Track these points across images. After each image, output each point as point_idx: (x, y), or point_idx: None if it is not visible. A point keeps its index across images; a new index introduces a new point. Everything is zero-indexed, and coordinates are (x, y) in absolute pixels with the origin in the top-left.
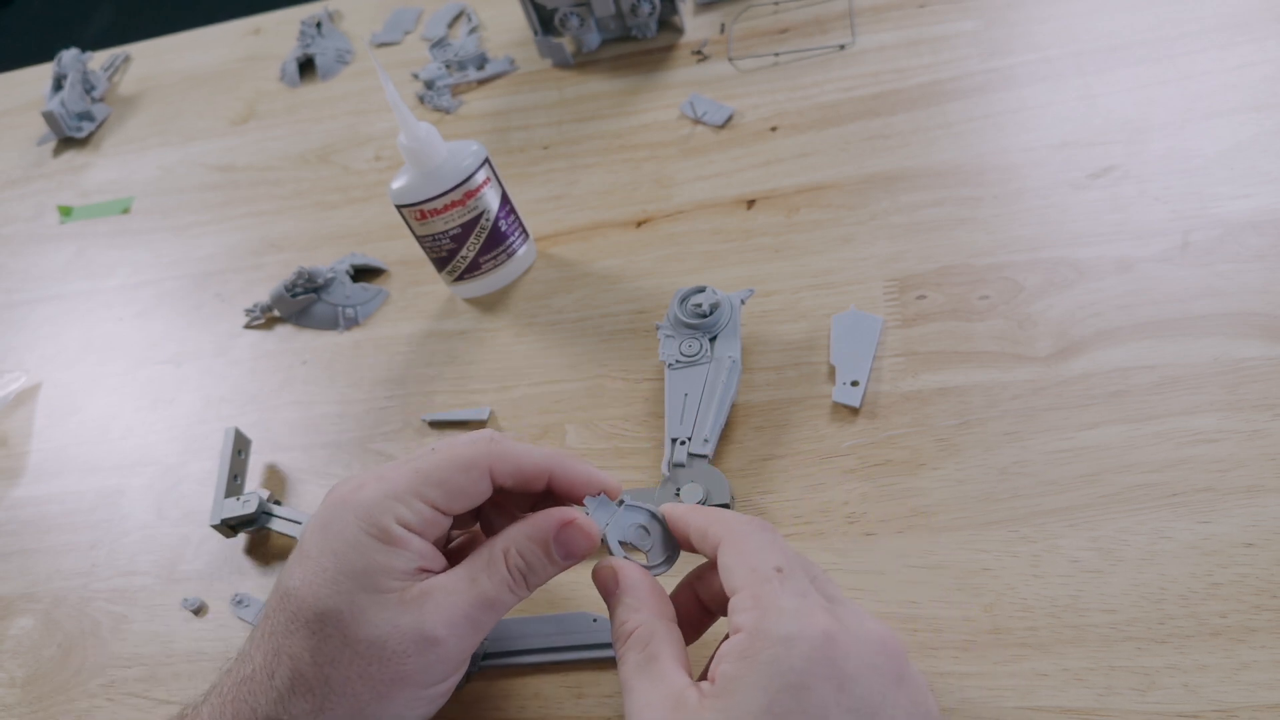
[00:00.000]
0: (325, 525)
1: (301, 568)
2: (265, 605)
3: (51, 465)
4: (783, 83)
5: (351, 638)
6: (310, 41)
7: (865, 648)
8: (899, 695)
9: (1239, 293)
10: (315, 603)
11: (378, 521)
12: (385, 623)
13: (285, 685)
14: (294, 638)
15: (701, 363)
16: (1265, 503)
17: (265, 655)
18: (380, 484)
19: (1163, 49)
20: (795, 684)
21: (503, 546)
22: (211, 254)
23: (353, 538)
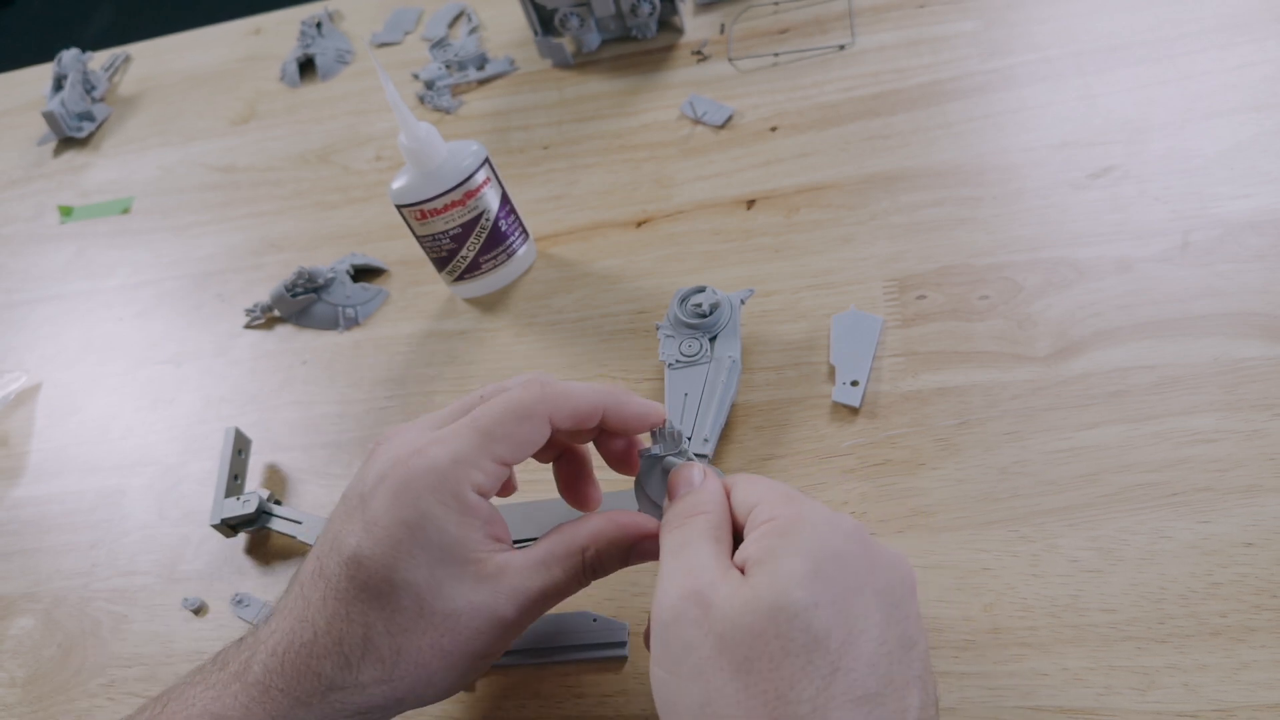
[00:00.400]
0: (396, 492)
1: (370, 535)
2: (314, 564)
3: (52, 465)
4: (783, 83)
5: (428, 610)
6: (310, 41)
7: (888, 551)
8: (913, 601)
9: (1238, 293)
10: (390, 574)
11: (453, 490)
12: (461, 597)
13: (355, 653)
14: (365, 606)
15: (701, 363)
16: (1265, 503)
17: (329, 621)
18: (445, 447)
19: (1163, 49)
20: (835, 554)
21: (582, 544)
22: (212, 254)
23: (428, 508)
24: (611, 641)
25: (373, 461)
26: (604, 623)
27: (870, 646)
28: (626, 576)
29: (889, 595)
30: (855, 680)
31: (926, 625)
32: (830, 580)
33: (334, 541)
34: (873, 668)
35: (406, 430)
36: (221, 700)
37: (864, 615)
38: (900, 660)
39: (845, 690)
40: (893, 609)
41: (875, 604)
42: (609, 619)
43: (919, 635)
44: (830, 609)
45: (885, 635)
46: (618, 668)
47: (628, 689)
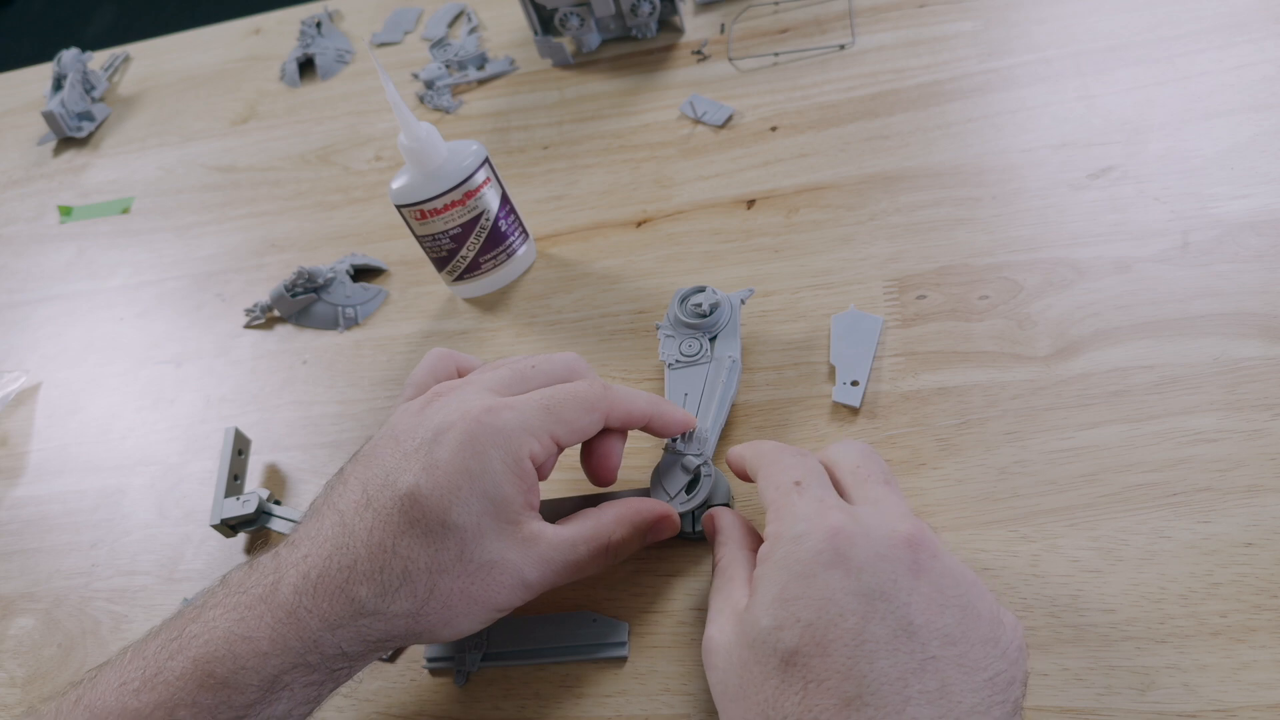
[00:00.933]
0: (463, 441)
1: (431, 476)
2: (359, 495)
3: (52, 465)
4: (783, 83)
5: (467, 555)
6: (310, 41)
7: (875, 540)
8: (915, 583)
9: (1238, 293)
10: (443, 514)
11: (515, 452)
12: (498, 551)
13: (394, 582)
14: (411, 540)
15: (701, 362)
16: (1265, 502)
17: (372, 550)
18: (515, 414)
19: (1161, 49)
20: (802, 573)
21: (609, 529)
22: (212, 254)
23: (489, 462)
24: (611, 641)
25: (435, 411)
26: (604, 623)
27: (845, 652)
28: (627, 577)
29: (870, 592)
30: (831, 688)
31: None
32: (795, 599)
33: (387, 476)
34: (848, 673)
35: (466, 388)
36: (246, 622)
37: (836, 622)
38: (891, 654)
39: (823, 700)
40: (876, 603)
41: (852, 607)
42: (609, 619)
43: (926, 618)
44: (796, 627)
45: (865, 634)
46: (618, 668)
47: (628, 689)
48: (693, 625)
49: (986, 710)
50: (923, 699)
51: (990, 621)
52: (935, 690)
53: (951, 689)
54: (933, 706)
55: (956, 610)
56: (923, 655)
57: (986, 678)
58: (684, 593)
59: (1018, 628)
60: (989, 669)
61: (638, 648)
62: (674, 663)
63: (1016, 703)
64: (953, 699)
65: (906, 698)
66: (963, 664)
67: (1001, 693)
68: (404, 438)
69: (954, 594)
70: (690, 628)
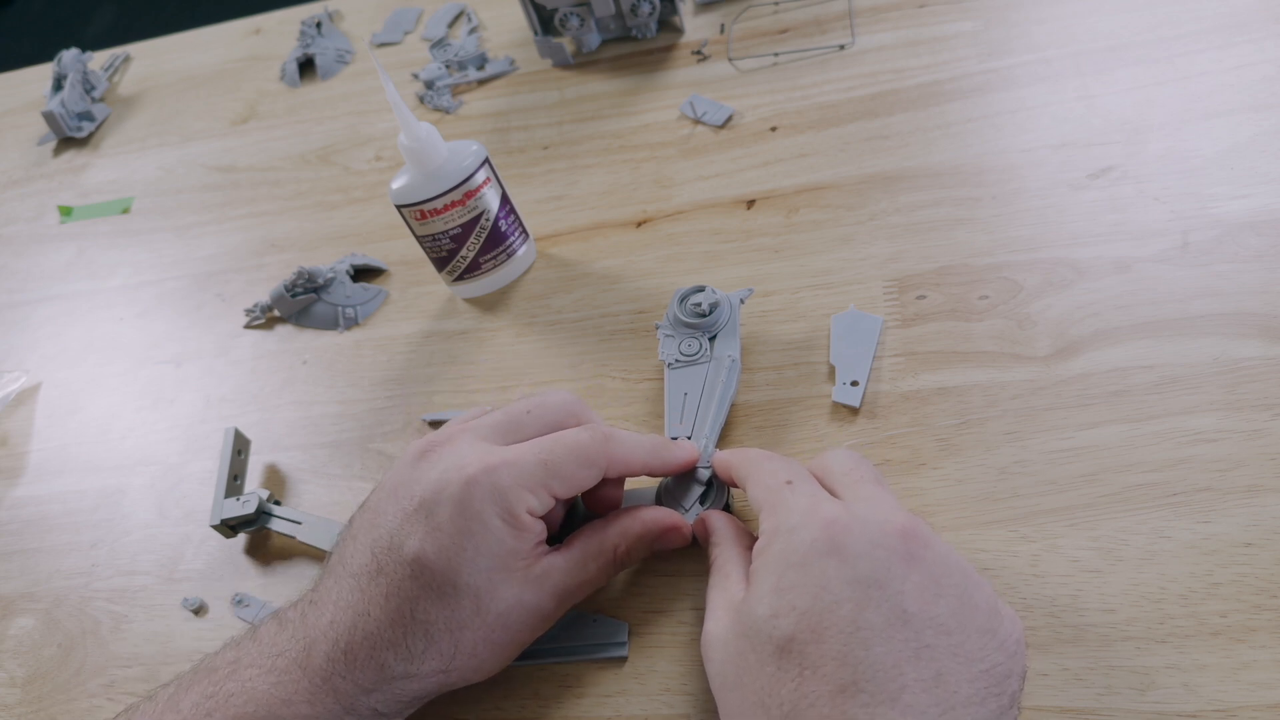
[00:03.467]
0: (460, 504)
1: (435, 541)
2: (369, 561)
3: (52, 465)
4: (782, 83)
5: (484, 609)
6: (310, 41)
7: (870, 529)
8: (909, 572)
9: (1237, 293)
10: (453, 576)
11: (512, 510)
12: (513, 598)
13: (419, 646)
14: (427, 603)
15: (701, 362)
16: (1265, 502)
17: (392, 617)
18: (512, 471)
19: (1161, 49)
20: (798, 563)
21: (614, 542)
22: (212, 254)
23: (489, 522)
24: (611, 641)
25: (430, 465)
26: (604, 623)
27: (840, 639)
28: (627, 577)
29: (865, 580)
30: (827, 674)
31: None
32: (790, 588)
33: (391, 539)
34: (843, 659)
35: (460, 439)
36: (284, 686)
37: (832, 609)
38: (886, 641)
39: (818, 686)
40: (870, 591)
41: (847, 594)
42: (609, 619)
43: (920, 606)
44: (792, 615)
45: (860, 621)
46: (618, 668)
47: (628, 689)
48: (692, 625)
49: (982, 702)
50: (918, 686)
51: (988, 613)
52: (930, 678)
53: (947, 678)
54: (928, 694)
55: (953, 600)
56: (918, 643)
57: (982, 669)
58: (684, 593)
59: (1016, 622)
60: (985, 660)
61: (638, 648)
62: (674, 663)
63: (1013, 697)
64: (948, 688)
65: (902, 685)
66: (958, 653)
67: (998, 685)
68: (402, 495)
69: (949, 584)
70: (690, 628)
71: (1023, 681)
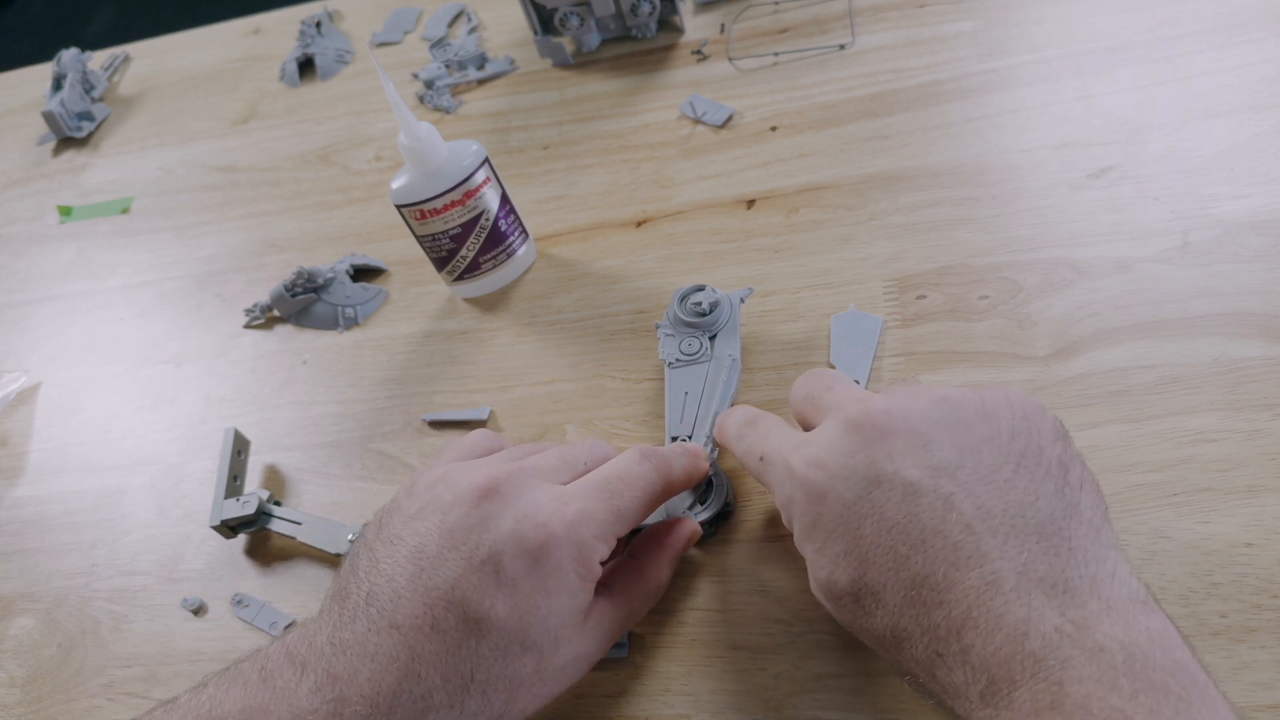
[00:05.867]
0: (538, 558)
1: (508, 600)
2: (423, 614)
3: (52, 465)
4: (783, 83)
5: (544, 666)
6: (310, 41)
7: (836, 450)
8: (889, 448)
9: (1237, 293)
10: (521, 635)
11: (587, 561)
12: (571, 651)
13: (473, 706)
14: (488, 662)
15: (701, 361)
16: (1265, 502)
17: (444, 676)
18: (590, 524)
19: (1161, 49)
20: (811, 523)
21: (657, 581)
22: (212, 254)
23: (566, 580)
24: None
25: (498, 512)
26: None
27: (881, 551)
28: None
29: (859, 494)
30: (893, 584)
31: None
32: (823, 545)
33: (452, 592)
34: (895, 564)
35: (526, 484)
36: None
37: (857, 536)
38: (914, 520)
39: (894, 597)
40: (872, 495)
41: (858, 515)
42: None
43: (919, 470)
44: (840, 564)
45: (885, 524)
46: (618, 668)
47: (628, 689)
48: (693, 625)
49: (1036, 493)
50: (965, 532)
51: (982, 420)
52: (973, 517)
53: (988, 504)
54: (984, 529)
55: (943, 437)
56: (940, 499)
57: (1012, 468)
58: (684, 593)
59: (1016, 399)
60: (1009, 460)
61: (638, 648)
62: (674, 663)
63: (1061, 459)
64: (994, 511)
65: (954, 543)
66: (982, 477)
67: (1038, 466)
68: (464, 543)
69: (930, 429)
70: (690, 628)
71: (1061, 437)
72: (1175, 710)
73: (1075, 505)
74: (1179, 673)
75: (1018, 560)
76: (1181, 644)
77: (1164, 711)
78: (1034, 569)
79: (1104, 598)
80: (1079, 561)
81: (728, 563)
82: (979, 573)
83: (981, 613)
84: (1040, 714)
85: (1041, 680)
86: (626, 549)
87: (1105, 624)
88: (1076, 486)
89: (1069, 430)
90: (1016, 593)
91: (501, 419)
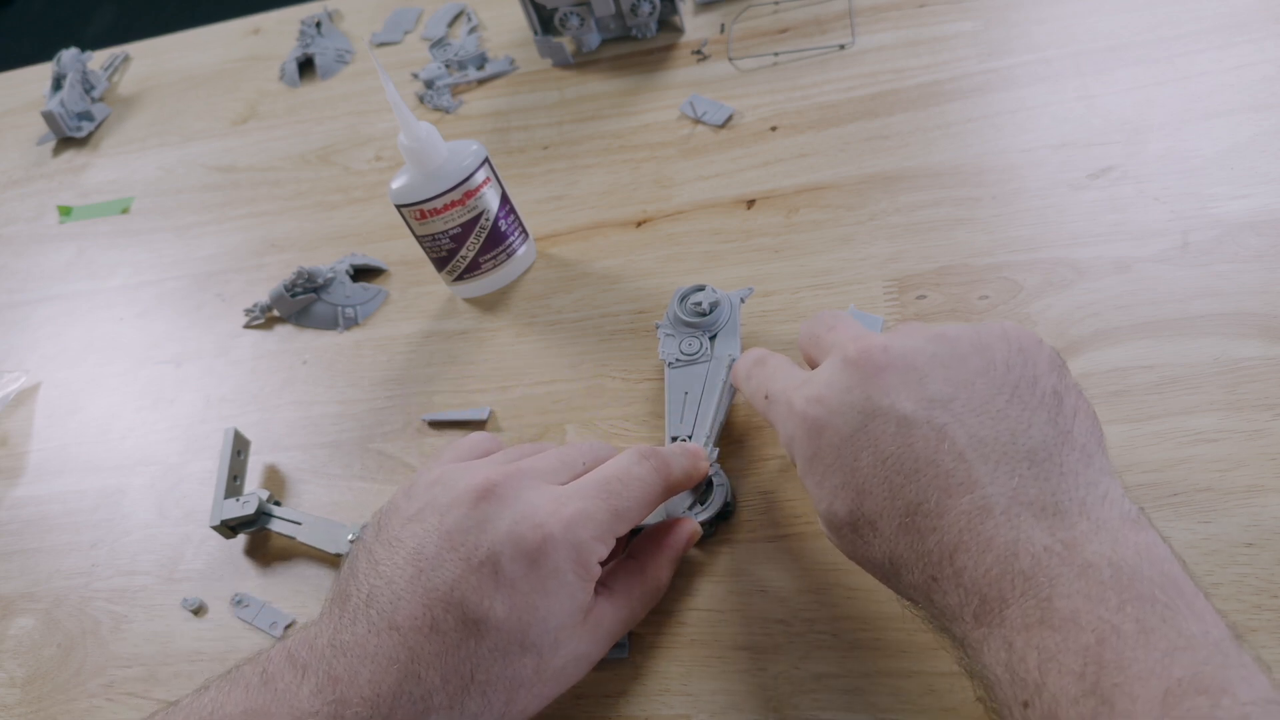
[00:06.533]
0: (535, 559)
1: (507, 600)
2: (422, 614)
3: (52, 465)
4: (783, 83)
5: (544, 667)
6: (310, 41)
7: (835, 385)
8: (884, 381)
9: (1238, 293)
10: (521, 635)
11: (586, 561)
12: (571, 652)
13: (473, 707)
14: (488, 663)
15: (701, 361)
16: (1265, 503)
17: (444, 677)
18: (590, 525)
19: (1161, 49)
20: (811, 456)
21: (656, 580)
22: (212, 254)
23: (564, 579)
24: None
25: (495, 512)
26: None
27: (877, 481)
28: None
29: (856, 426)
30: (890, 512)
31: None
32: (822, 478)
33: (451, 592)
34: (891, 493)
35: (523, 484)
36: None
37: (854, 469)
38: (908, 450)
39: (889, 524)
40: (868, 427)
41: (855, 448)
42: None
43: (913, 402)
44: (838, 496)
45: (881, 455)
46: (618, 668)
47: (628, 689)
48: (693, 625)
49: (1029, 421)
50: (958, 461)
51: (976, 352)
52: (966, 446)
53: (980, 435)
54: (977, 458)
55: (936, 370)
56: (934, 430)
57: (1005, 399)
58: (684, 593)
59: (1011, 331)
60: (1002, 391)
61: (638, 648)
62: (674, 663)
63: (1056, 389)
64: (986, 441)
65: (946, 471)
66: (976, 409)
67: (1032, 396)
68: (463, 544)
69: (924, 362)
70: (690, 628)
71: (1057, 368)
72: (1161, 619)
73: (1068, 432)
74: (1166, 585)
75: (1008, 485)
76: (1170, 558)
77: (1149, 620)
78: (1024, 493)
79: (1094, 518)
80: (1069, 486)
81: (728, 563)
82: (970, 498)
83: (972, 536)
84: (1030, 629)
85: (1031, 597)
86: (626, 549)
87: (1094, 543)
88: (1070, 415)
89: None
90: (1006, 516)
91: (501, 419)
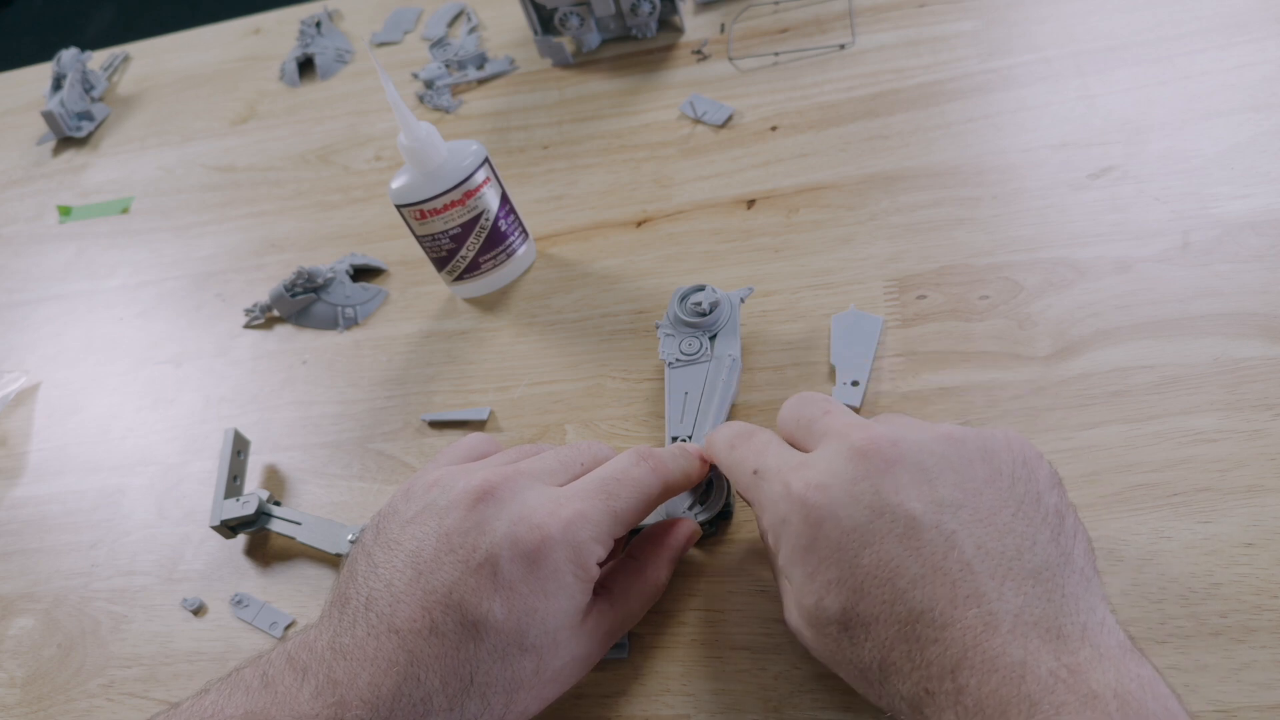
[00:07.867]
0: (534, 560)
1: (505, 602)
2: (421, 617)
3: (52, 465)
4: (783, 83)
5: (544, 668)
6: (310, 41)
7: (840, 476)
8: (893, 479)
9: (1238, 293)
10: (520, 637)
11: (584, 563)
12: (569, 653)
13: (473, 709)
14: (487, 665)
15: (701, 361)
16: (1265, 503)
17: (444, 679)
18: (588, 526)
19: (1161, 49)
20: (805, 546)
21: (655, 580)
22: (212, 254)
23: (564, 581)
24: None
25: (493, 514)
26: None
27: (878, 584)
28: None
29: (862, 523)
30: (887, 618)
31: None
32: (815, 570)
33: (450, 595)
34: (892, 597)
35: (521, 485)
36: None
37: (855, 565)
38: (914, 556)
39: (886, 631)
40: (873, 526)
41: (858, 543)
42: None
43: (922, 504)
44: (831, 591)
45: (883, 557)
46: (618, 668)
47: (628, 689)
48: (693, 625)
49: (1034, 539)
50: (965, 571)
51: (984, 460)
52: (974, 555)
53: (986, 545)
54: (983, 569)
55: (947, 474)
56: (942, 536)
57: (1012, 511)
58: (684, 593)
59: (1015, 443)
60: (1010, 503)
61: (638, 648)
62: (674, 663)
63: (1058, 507)
64: (993, 552)
65: (951, 580)
66: (982, 519)
67: (1036, 512)
68: (461, 545)
69: (935, 463)
70: (690, 628)
71: (1056, 485)
72: None
73: (1069, 554)
74: (1168, 719)
75: (1014, 602)
76: (1170, 693)
77: None
78: (1029, 612)
79: (1095, 645)
80: (1071, 609)
81: (728, 563)
82: (977, 611)
83: (977, 652)
84: None
85: None
86: (626, 549)
87: (1098, 671)
88: (1071, 535)
89: (1062, 480)
90: (1013, 634)
91: (501, 419)
